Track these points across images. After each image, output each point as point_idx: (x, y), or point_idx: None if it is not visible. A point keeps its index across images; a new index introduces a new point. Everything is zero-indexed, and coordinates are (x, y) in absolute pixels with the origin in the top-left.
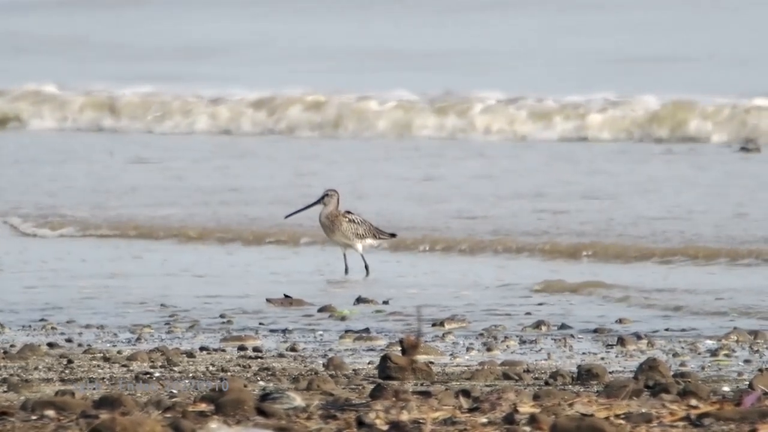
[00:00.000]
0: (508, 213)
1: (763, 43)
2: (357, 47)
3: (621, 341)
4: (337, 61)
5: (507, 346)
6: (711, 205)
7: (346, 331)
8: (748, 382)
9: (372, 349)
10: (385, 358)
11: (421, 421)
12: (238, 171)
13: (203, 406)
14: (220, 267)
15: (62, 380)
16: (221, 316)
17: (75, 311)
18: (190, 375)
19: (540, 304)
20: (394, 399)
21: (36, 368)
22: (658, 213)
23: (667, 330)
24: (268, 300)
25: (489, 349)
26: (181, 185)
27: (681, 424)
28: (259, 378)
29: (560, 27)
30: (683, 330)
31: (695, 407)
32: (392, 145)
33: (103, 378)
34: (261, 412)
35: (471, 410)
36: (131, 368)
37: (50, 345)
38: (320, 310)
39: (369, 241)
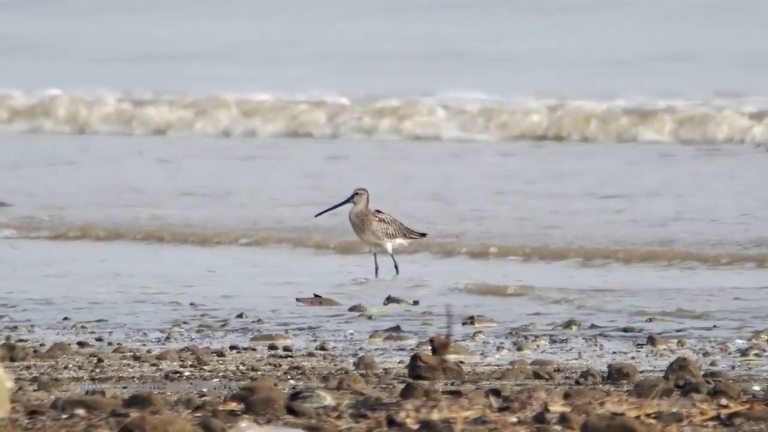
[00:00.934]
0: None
1: None
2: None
3: (651, 340)
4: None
5: (537, 345)
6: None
7: (377, 331)
8: None
9: (402, 349)
10: (415, 358)
11: (451, 420)
12: (261, 172)
13: (233, 405)
14: (249, 267)
15: (92, 379)
16: (250, 316)
17: (104, 311)
18: (220, 374)
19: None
20: (424, 398)
21: (66, 367)
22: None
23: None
24: (297, 299)
25: (519, 349)
26: (202, 187)
27: (711, 423)
28: (289, 377)
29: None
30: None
31: (726, 407)
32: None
33: (133, 377)
34: (291, 411)
35: (501, 409)
36: (161, 367)
37: (80, 344)
38: (350, 310)
39: (399, 240)
